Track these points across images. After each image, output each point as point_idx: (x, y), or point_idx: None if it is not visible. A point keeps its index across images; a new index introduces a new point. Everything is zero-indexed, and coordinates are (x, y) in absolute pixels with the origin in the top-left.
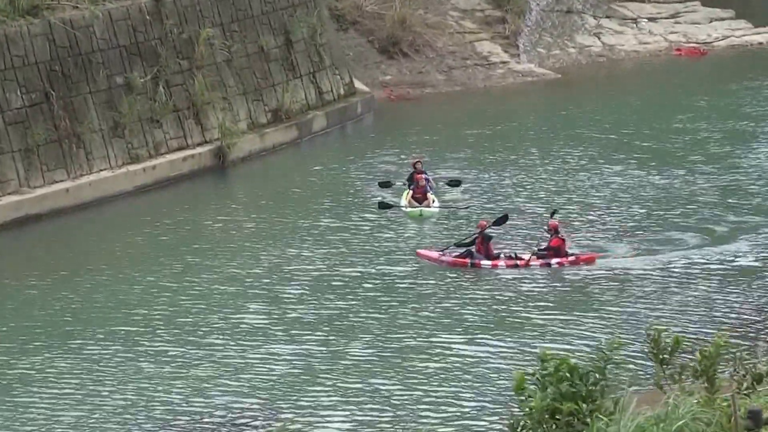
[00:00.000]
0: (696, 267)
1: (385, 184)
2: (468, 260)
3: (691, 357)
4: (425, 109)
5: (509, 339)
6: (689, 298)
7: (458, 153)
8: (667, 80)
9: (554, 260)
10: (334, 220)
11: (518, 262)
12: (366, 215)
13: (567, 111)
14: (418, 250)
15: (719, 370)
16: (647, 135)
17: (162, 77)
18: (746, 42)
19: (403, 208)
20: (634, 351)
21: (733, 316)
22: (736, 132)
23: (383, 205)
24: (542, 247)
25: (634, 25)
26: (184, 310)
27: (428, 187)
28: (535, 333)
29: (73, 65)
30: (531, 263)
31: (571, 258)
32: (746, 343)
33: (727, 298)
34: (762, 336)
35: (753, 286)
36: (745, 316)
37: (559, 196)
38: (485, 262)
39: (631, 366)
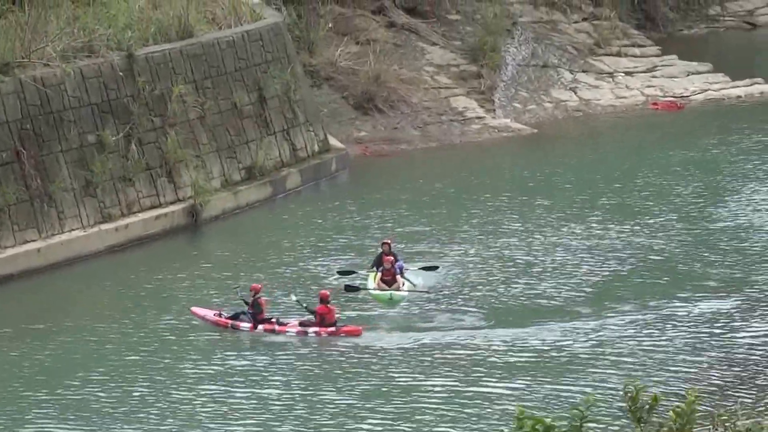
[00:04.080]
0: (670, 323)
1: (346, 273)
2: (229, 322)
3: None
4: (400, 165)
5: (483, 400)
6: (664, 355)
7: (433, 210)
8: (644, 135)
9: (312, 329)
10: (307, 277)
11: (276, 327)
12: (338, 274)
13: (542, 167)
14: (192, 308)
15: (698, 428)
16: (623, 191)
17: (134, 135)
18: (724, 95)
19: (372, 291)
20: (611, 409)
21: (710, 372)
22: (710, 187)
23: (350, 288)
24: (306, 316)
25: (611, 79)
26: (162, 365)
27: (397, 270)
28: (511, 392)
29: (44, 123)
30: (287, 330)
31: (330, 329)
32: (723, 400)
33: (703, 354)
34: (738, 392)
35: (728, 343)
36: (721, 372)
37: (529, 255)
38: (244, 325)
39: (609, 425)
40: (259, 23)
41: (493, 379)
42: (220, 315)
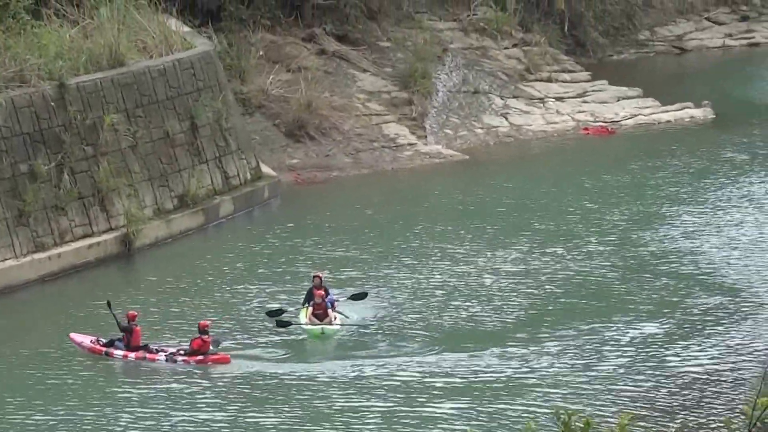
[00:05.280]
0: (605, 346)
1: (274, 313)
2: (103, 349)
3: None
4: (332, 192)
5: (423, 422)
6: (599, 378)
7: (366, 237)
8: (575, 160)
9: (181, 358)
10: (239, 304)
11: (147, 355)
12: (272, 303)
13: (474, 193)
14: (71, 334)
15: None
16: (555, 216)
17: (66, 164)
18: (654, 120)
19: (303, 326)
20: None
21: (644, 395)
22: (641, 212)
23: (281, 324)
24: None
25: (542, 104)
26: (99, 390)
27: (329, 304)
28: (449, 416)
29: None
30: (157, 358)
31: (199, 357)
32: (657, 422)
33: (637, 377)
34: (671, 414)
35: (662, 366)
36: (654, 395)
37: (462, 280)
38: (118, 353)
39: None
40: (190, 52)
41: (432, 403)
42: (98, 342)
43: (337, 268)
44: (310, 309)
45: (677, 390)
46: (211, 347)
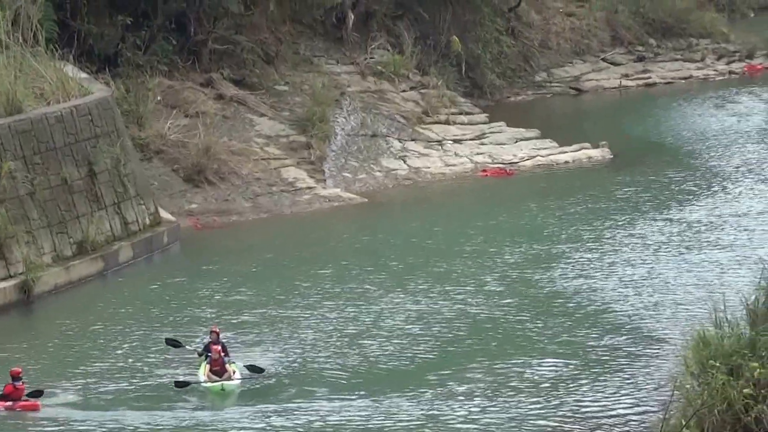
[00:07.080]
0: (506, 388)
1: (172, 343)
2: None
3: None
4: (232, 237)
5: None
6: (504, 420)
7: (264, 281)
8: (473, 202)
9: None
10: (139, 354)
11: None
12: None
13: (372, 235)
14: None
15: None
16: (452, 258)
17: None
18: (552, 161)
19: (203, 384)
20: None
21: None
22: (538, 253)
23: (180, 384)
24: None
25: (440, 147)
26: None
27: (226, 358)
28: None
29: None
30: None
31: (8, 404)
32: None
33: (539, 417)
34: None
35: (562, 405)
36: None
37: (360, 323)
38: None
39: None
40: (88, 98)
41: None
42: None
43: (237, 312)
44: (208, 366)
45: (583, 429)
46: (26, 396)
